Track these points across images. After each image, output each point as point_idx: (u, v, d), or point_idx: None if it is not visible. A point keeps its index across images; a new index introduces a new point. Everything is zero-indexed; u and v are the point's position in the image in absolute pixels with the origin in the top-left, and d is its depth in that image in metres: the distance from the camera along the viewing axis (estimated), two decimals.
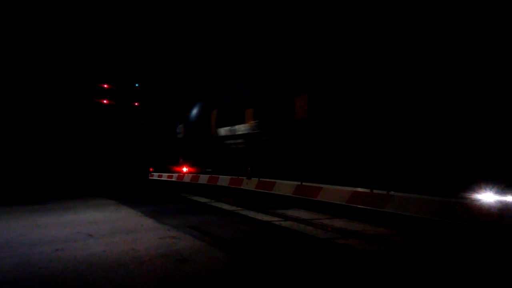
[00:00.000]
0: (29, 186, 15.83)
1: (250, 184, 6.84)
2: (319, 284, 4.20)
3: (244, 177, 7.07)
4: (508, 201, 3.52)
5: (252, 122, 7.95)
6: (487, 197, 3.72)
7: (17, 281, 4.22)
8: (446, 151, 4.66)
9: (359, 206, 4.64)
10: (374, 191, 4.49)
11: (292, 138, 7.06)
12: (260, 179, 6.65)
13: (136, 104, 20.70)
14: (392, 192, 4.27)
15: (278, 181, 6.19)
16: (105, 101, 20.34)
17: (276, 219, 8.30)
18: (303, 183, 5.60)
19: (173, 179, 10.98)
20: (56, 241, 6.06)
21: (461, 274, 4.58)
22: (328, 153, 6.45)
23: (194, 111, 11.74)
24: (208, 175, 8.55)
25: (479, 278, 4.45)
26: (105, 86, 20.46)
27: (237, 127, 8.50)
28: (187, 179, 9.97)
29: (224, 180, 7.86)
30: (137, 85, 21.32)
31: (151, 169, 13.28)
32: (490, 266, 4.87)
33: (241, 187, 7.17)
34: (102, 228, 7.21)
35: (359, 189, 4.73)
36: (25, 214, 8.81)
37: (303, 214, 8.75)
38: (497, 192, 3.78)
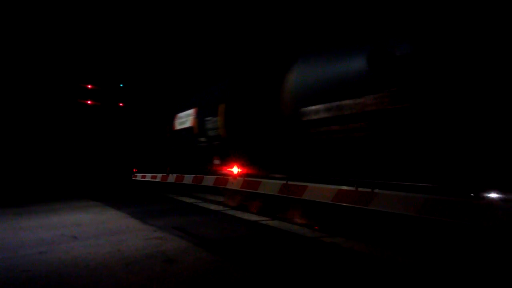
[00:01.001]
0: (11, 189, 15.57)
1: (236, 184, 6.84)
2: (306, 283, 4.22)
3: (229, 177, 7.08)
4: (491, 198, 3.59)
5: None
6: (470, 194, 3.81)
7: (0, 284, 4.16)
8: (431, 150, 4.72)
9: (344, 204, 4.68)
10: (359, 189, 4.53)
11: None
12: (246, 178, 6.66)
13: (120, 104, 20.54)
14: (376, 190, 4.32)
15: (263, 180, 6.21)
16: (89, 102, 20.12)
17: (263, 218, 8.32)
18: (288, 182, 5.63)
19: (157, 180, 10.92)
20: (40, 244, 5.98)
21: (443, 271, 4.66)
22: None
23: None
24: (193, 175, 8.53)
25: (465, 275, 4.53)
26: (89, 86, 20.25)
27: None
28: (171, 179, 9.93)
29: (209, 180, 7.85)
30: (121, 85, 21.16)
31: (134, 170, 13.19)
32: (475, 264, 4.95)
33: (226, 186, 7.17)
34: (87, 230, 7.14)
35: (344, 188, 4.77)
36: (8, 217, 8.66)
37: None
38: (478, 189, 3.85)
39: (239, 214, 8.98)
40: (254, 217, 8.47)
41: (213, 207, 10.26)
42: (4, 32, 18.33)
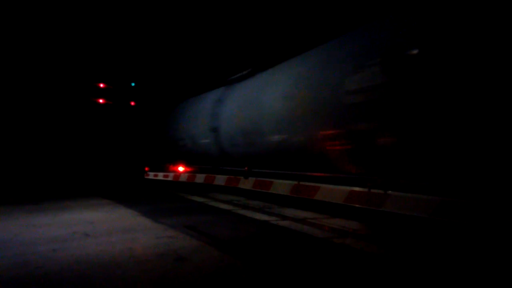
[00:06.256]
0: (24, 186, 15.75)
1: (247, 184, 6.83)
2: (316, 283, 4.21)
3: (241, 177, 7.07)
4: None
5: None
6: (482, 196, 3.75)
7: (13, 281, 4.20)
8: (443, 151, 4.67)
9: (357, 206, 4.64)
10: (372, 190, 4.50)
11: None
12: (257, 178, 6.65)
13: (132, 103, 20.62)
14: (389, 192, 4.28)
15: (275, 180, 6.20)
16: (101, 101, 20.23)
17: (273, 218, 8.31)
18: (301, 183, 5.61)
19: (169, 179, 10.95)
20: (52, 241, 6.04)
21: (457, 273, 4.61)
22: None
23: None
24: (205, 175, 8.54)
25: (475, 276, 4.48)
26: (102, 85, 20.36)
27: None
28: (183, 178, 9.95)
29: (221, 179, 7.85)
30: (133, 84, 21.24)
31: (146, 169, 13.23)
32: (488, 265, 4.89)
33: (238, 186, 7.16)
34: (98, 227, 7.19)
35: (357, 189, 4.73)
36: (21, 214, 8.75)
37: (300, 214, 8.76)
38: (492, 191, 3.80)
39: (249, 213, 8.98)
40: (264, 217, 8.46)
41: (223, 206, 10.27)
42: (18, 31, 18.55)
